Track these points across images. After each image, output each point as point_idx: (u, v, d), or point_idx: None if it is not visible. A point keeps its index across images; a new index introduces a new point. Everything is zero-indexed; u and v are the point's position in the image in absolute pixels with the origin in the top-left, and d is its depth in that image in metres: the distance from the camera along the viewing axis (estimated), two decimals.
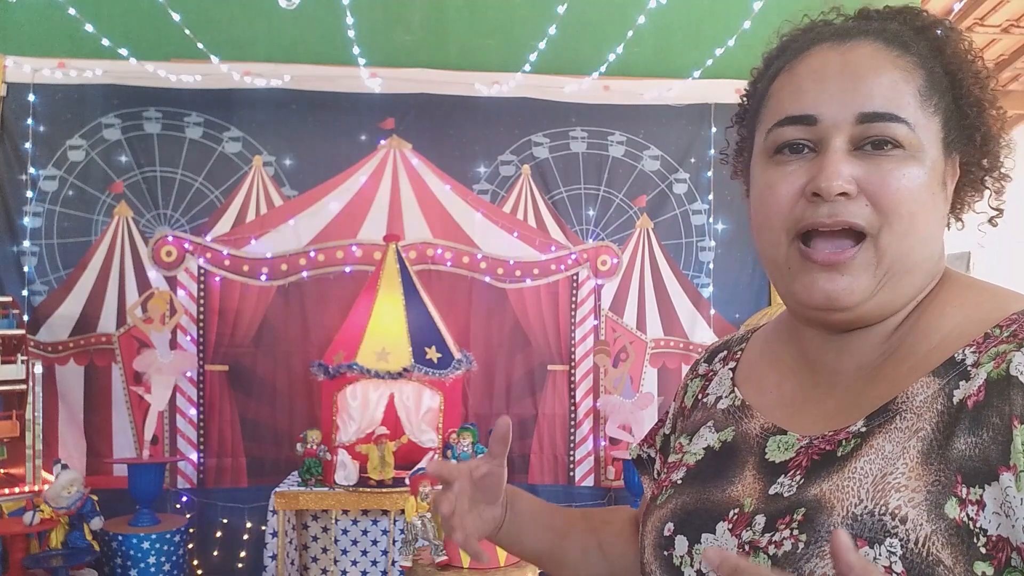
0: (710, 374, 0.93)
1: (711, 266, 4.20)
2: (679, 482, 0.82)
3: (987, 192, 0.78)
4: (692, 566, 0.75)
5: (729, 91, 4.02)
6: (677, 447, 0.89)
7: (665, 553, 0.78)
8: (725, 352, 0.95)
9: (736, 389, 0.87)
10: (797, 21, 0.80)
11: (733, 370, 0.90)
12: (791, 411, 0.79)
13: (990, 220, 0.80)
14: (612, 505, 1.03)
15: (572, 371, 4.12)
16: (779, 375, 0.83)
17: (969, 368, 0.66)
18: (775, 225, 0.75)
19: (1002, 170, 0.77)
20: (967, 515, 0.59)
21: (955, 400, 0.65)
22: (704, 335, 4.18)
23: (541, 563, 1.02)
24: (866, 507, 0.64)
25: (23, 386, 3.45)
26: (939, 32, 0.75)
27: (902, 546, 0.61)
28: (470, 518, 0.92)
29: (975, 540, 0.60)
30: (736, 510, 0.74)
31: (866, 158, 0.70)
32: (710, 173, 4.17)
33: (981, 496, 0.60)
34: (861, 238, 0.70)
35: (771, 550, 0.68)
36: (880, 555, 0.62)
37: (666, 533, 0.79)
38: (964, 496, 0.60)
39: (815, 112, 0.72)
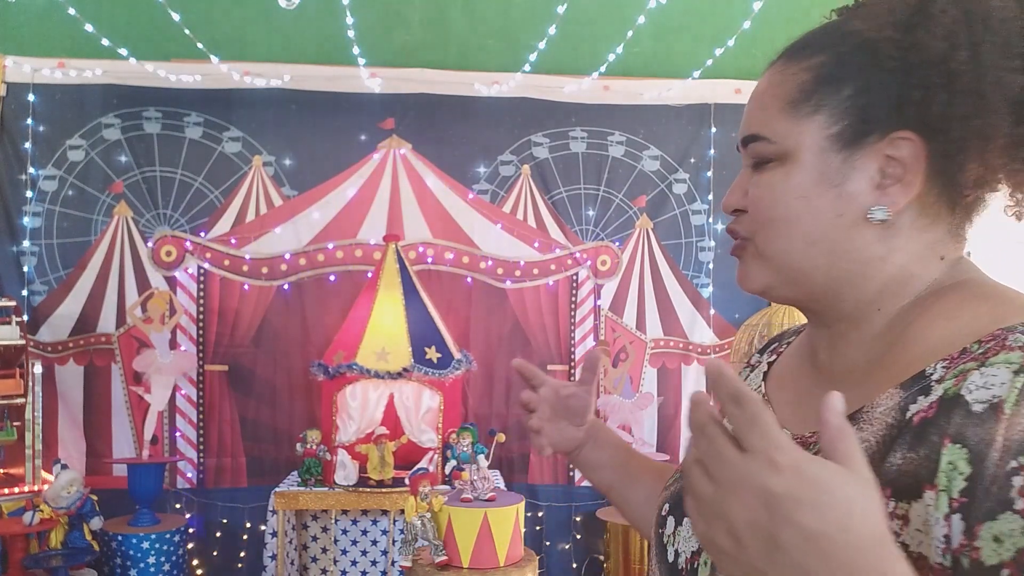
0: (756, 364, 0.95)
1: (711, 266, 4.20)
2: None
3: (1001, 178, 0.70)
4: (674, 545, 0.80)
5: (729, 91, 4.03)
6: None
7: (660, 531, 0.84)
8: (777, 344, 0.96)
9: (763, 384, 0.88)
10: (804, 23, 0.81)
11: (771, 363, 0.91)
12: (795, 408, 0.80)
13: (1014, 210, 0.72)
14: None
15: (572, 371, 4.12)
16: (794, 373, 0.85)
17: (933, 383, 0.63)
18: None
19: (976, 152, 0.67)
20: (891, 529, 0.56)
21: (907, 415, 0.63)
22: (704, 335, 4.19)
23: (609, 495, 1.09)
24: None
25: (20, 341, 3.46)
26: (856, 24, 0.72)
27: None
28: (549, 427, 1.04)
29: None
30: None
31: (755, 175, 0.76)
32: (710, 173, 4.17)
33: (907, 511, 0.59)
34: (745, 240, 0.77)
35: None
36: None
37: (662, 513, 0.84)
38: (891, 510, 0.59)
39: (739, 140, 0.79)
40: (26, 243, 3.87)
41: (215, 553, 3.91)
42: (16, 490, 3.39)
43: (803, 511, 0.49)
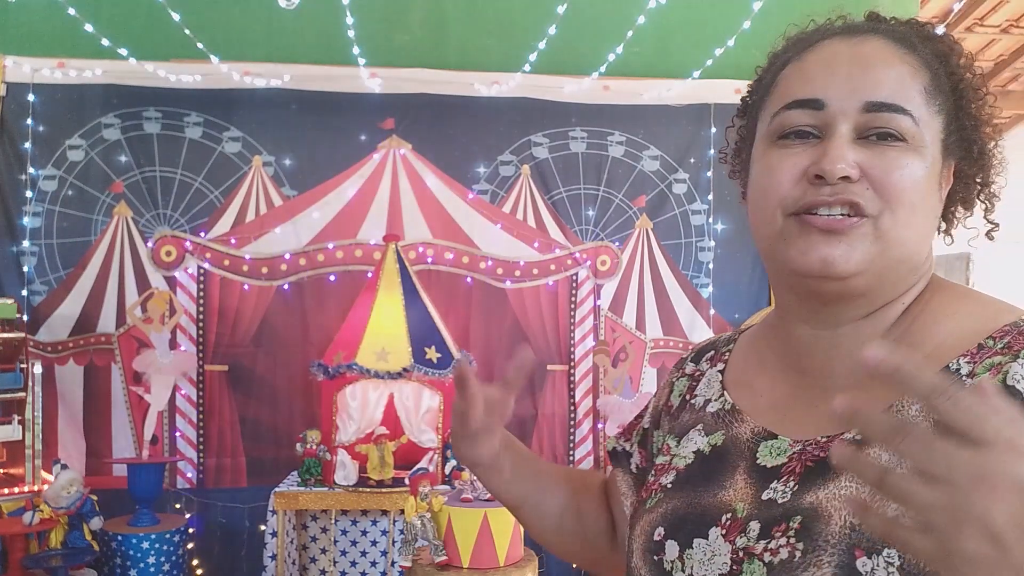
0: (697, 374, 0.93)
1: (711, 266, 4.20)
2: (668, 486, 0.82)
3: (981, 207, 0.80)
4: (683, 571, 0.75)
5: (729, 91, 4.02)
6: (665, 448, 0.89)
7: (655, 558, 0.78)
8: (712, 352, 0.94)
9: (726, 392, 0.86)
10: (803, 24, 0.82)
11: (722, 372, 0.89)
12: (782, 415, 0.79)
13: (987, 234, 0.80)
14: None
15: (572, 371, 4.12)
16: (769, 378, 0.83)
17: (964, 379, 0.66)
18: (771, 204, 0.74)
19: (993, 187, 0.79)
20: None
21: None
22: (703, 335, 4.18)
23: (519, 511, 1.02)
24: None
25: (21, 393, 3.47)
26: (943, 44, 0.76)
27: (899, 556, 0.61)
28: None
29: None
30: (728, 515, 0.74)
31: (870, 147, 0.70)
32: (710, 173, 4.17)
33: None
34: (861, 217, 0.70)
35: (767, 557, 0.68)
36: (879, 565, 0.62)
37: (656, 538, 0.78)
38: None
39: (823, 96, 0.72)
40: (26, 243, 3.87)
41: (215, 553, 3.91)
42: (16, 490, 3.39)
43: None
